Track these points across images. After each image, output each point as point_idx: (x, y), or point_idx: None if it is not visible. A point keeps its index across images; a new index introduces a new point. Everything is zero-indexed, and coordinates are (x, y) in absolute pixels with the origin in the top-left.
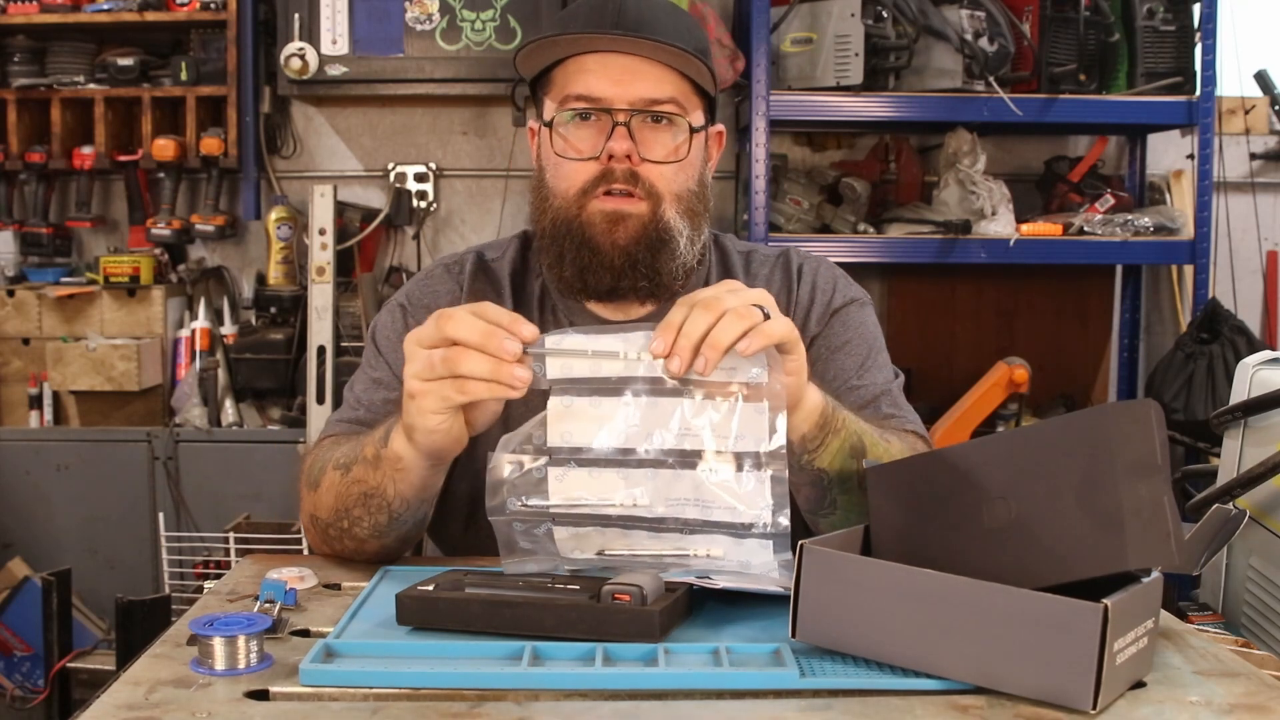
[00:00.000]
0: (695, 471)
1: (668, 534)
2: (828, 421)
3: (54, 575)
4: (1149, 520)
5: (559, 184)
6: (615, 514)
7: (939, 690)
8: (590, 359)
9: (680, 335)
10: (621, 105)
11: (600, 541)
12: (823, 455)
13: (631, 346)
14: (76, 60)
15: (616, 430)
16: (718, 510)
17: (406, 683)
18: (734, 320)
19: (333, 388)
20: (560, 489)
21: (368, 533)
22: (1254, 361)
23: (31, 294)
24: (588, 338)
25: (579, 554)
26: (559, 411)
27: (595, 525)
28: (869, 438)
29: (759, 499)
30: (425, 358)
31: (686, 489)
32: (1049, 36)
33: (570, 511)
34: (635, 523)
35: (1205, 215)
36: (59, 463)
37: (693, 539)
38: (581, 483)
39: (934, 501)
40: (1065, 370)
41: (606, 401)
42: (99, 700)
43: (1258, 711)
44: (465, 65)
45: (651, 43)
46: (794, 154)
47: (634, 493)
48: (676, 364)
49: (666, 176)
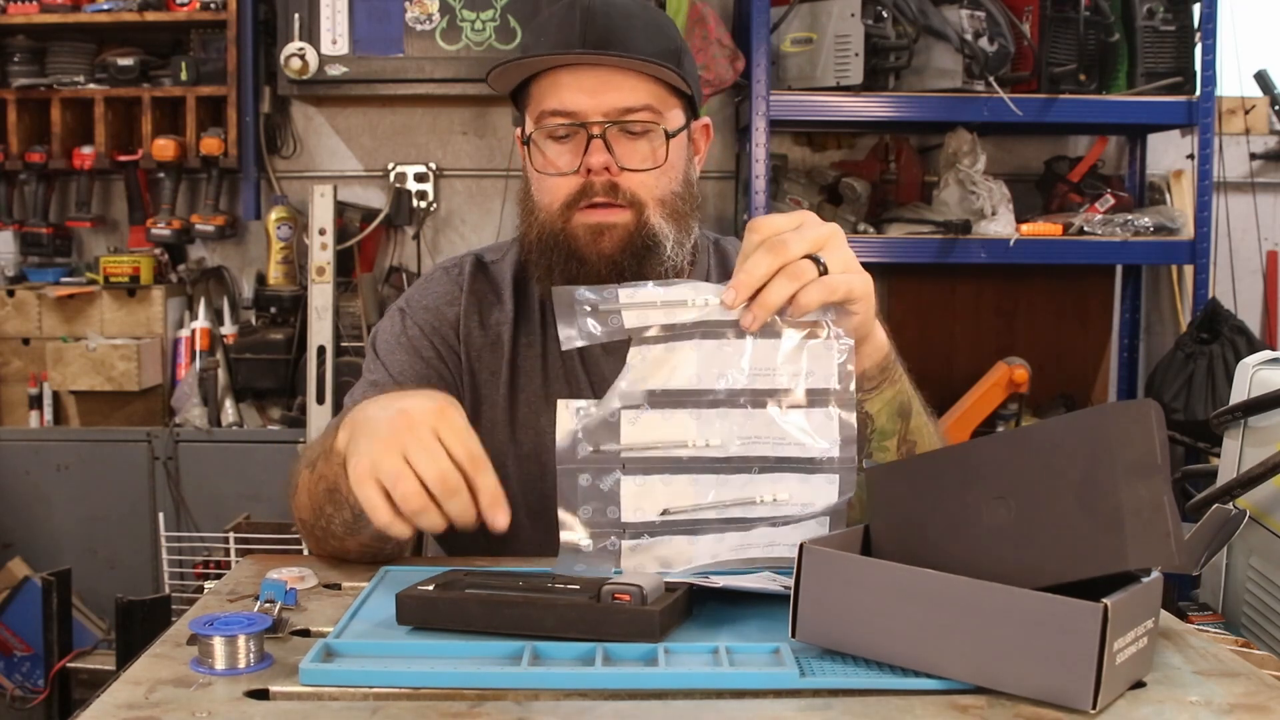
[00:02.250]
0: (766, 409)
1: (736, 475)
2: (889, 368)
3: (54, 575)
4: (1149, 520)
5: (542, 198)
6: (686, 456)
7: (939, 690)
8: (662, 308)
9: (742, 271)
10: (596, 117)
11: (665, 496)
12: (876, 400)
13: (700, 293)
14: (76, 60)
15: (688, 372)
16: (788, 446)
17: (406, 682)
18: (785, 282)
19: (333, 388)
20: (633, 432)
21: (341, 530)
22: (1254, 361)
23: (31, 294)
24: (660, 289)
25: (640, 515)
26: (638, 363)
27: (664, 471)
28: (917, 404)
29: (827, 434)
30: (389, 489)
31: (758, 426)
32: (1049, 36)
33: (641, 455)
34: (706, 464)
35: (1205, 215)
36: (59, 463)
37: (760, 480)
38: (655, 425)
39: (934, 501)
40: (1065, 370)
41: (680, 345)
42: (99, 700)
43: (1258, 711)
44: (465, 65)
45: (622, 57)
46: (794, 154)
47: (706, 433)
48: (732, 295)
49: (648, 184)
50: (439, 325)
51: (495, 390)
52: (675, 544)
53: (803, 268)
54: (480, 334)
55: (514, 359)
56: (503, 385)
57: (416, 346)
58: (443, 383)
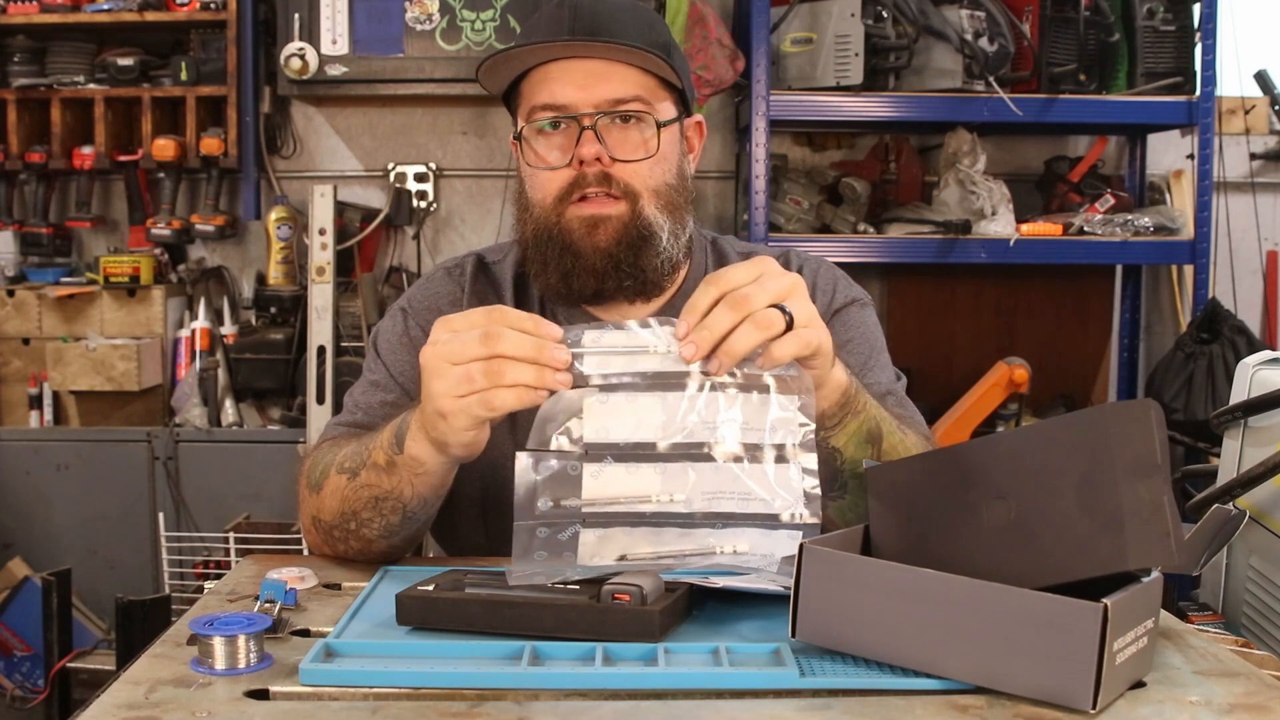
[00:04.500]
0: (730, 464)
1: (698, 529)
2: (849, 402)
3: (54, 575)
4: (1149, 520)
5: (536, 194)
6: (649, 511)
7: (939, 690)
8: (624, 355)
9: (701, 327)
10: (586, 109)
11: (625, 544)
12: (840, 435)
13: (661, 340)
14: (76, 60)
15: (652, 424)
16: (753, 502)
17: (406, 682)
18: (751, 330)
19: (333, 388)
20: (595, 486)
21: (377, 533)
22: (1254, 361)
23: (31, 294)
24: (622, 333)
25: (599, 560)
26: (595, 408)
27: (626, 525)
28: (887, 425)
29: (790, 490)
30: (461, 374)
31: (722, 482)
32: (1049, 36)
33: (603, 511)
34: (668, 519)
35: (1205, 215)
36: (59, 463)
37: (723, 534)
38: (618, 478)
39: (934, 501)
40: (1065, 370)
41: (642, 396)
42: (99, 700)
43: (1258, 711)
44: (465, 65)
45: (609, 45)
46: (794, 154)
47: (670, 487)
48: (691, 350)
49: (641, 173)
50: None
51: None
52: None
53: (770, 317)
54: None
55: None
56: None
57: (418, 346)
58: None
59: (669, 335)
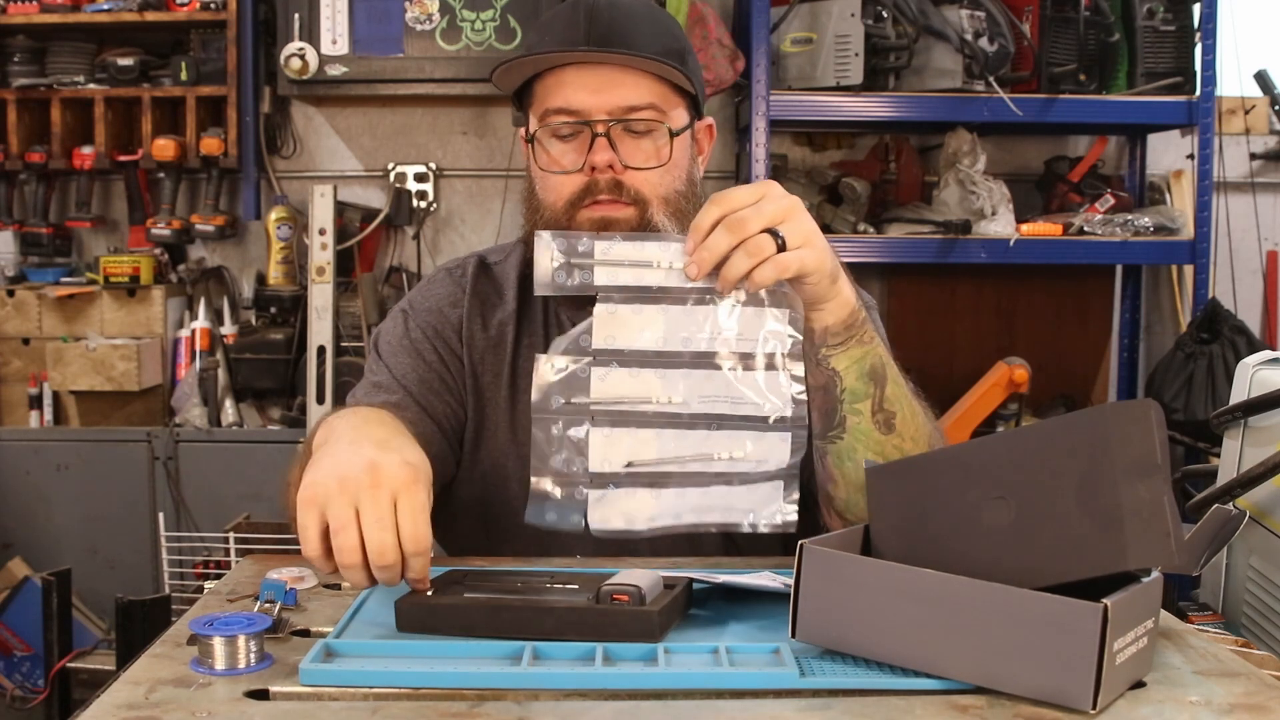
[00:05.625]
0: (724, 371)
1: (695, 431)
2: (855, 324)
3: (54, 575)
4: (1149, 520)
5: (547, 196)
6: (650, 411)
7: (939, 690)
8: (631, 268)
9: (702, 248)
10: (600, 115)
11: (630, 448)
12: (841, 357)
13: (667, 256)
14: (76, 60)
15: (655, 334)
16: (744, 405)
17: (406, 682)
18: (743, 258)
19: (333, 388)
20: (602, 387)
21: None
22: (1254, 361)
23: (31, 294)
24: (631, 246)
25: (607, 465)
26: (604, 317)
27: (631, 425)
28: (893, 373)
29: (779, 394)
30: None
31: (717, 387)
32: (1049, 36)
33: (610, 409)
34: (668, 420)
35: (1205, 215)
36: (59, 463)
37: (717, 436)
38: (622, 382)
39: (934, 501)
40: (1065, 370)
41: (647, 308)
42: (99, 700)
43: (1258, 711)
44: (465, 65)
45: (625, 55)
46: (794, 154)
47: (669, 390)
48: (694, 270)
49: (651, 181)
50: (442, 327)
51: (498, 391)
52: (639, 497)
53: (760, 243)
54: (483, 335)
55: (516, 360)
56: (504, 386)
57: (419, 348)
58: (444, 384)
59: (675, 250)
